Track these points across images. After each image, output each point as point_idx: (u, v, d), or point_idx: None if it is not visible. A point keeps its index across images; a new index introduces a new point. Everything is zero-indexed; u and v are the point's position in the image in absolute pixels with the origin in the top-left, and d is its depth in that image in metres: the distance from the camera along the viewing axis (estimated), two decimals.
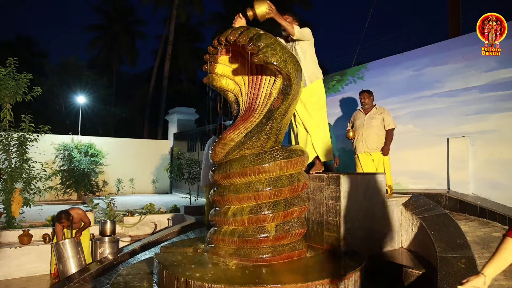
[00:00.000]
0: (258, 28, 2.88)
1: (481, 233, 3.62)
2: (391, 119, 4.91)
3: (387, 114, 4.95)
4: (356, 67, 7.30)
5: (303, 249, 2.99)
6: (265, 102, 3.06)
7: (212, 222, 3.15)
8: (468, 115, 5.27)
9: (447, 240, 2.99)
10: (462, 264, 2.59)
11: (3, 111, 6.53)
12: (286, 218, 2.87)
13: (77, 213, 5.44)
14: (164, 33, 22.79)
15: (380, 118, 4.92)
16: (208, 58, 3.24)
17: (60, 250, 4.99)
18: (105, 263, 4.63)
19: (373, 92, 5.11)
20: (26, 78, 6.59)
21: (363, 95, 5.02)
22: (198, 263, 2.84)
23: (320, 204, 3.38)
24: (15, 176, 6.28)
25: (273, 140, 2.93)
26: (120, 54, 27.21)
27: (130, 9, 27.91)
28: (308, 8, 22.68)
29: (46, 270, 5.42)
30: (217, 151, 3.05)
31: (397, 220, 3.60)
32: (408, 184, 5.95)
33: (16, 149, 6.55)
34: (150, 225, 7.58)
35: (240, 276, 2.55)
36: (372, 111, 4.98)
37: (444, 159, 5.51)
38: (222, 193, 2.99)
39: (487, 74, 5.11)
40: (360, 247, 3.24)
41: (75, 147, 12.53)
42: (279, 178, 2.87)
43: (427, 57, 5.93)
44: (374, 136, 4.86)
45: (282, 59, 2.72)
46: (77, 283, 4.12)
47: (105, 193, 12.50)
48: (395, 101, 6.27)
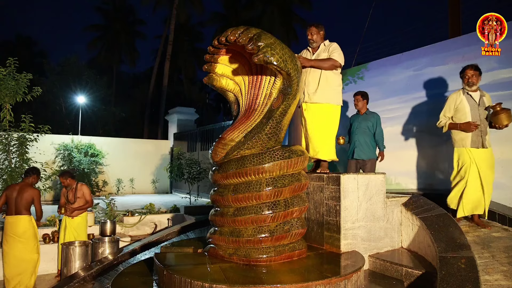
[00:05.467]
0: (258, 28, 2.88)
1: (481, 233, 3.62)
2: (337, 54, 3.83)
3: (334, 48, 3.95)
4: (356, 67, 7.30)
5: (303, 249, 2.99)
6: (265, 102, 3.06)
7: (212, 222, 3.15)
8: None
9: (447, 240, 2.99)
10: (462, 264, 2.59)
11: (3, 111, 6.53)
12: (286, 218, 2.87)
13: (83, 188, 5.44)
14: (164, 33, 22.80)
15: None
16: (208, 58, 3.24)
17: (69, 255, 4.98)
18: (105, 263, 4.63)
19: (373, 92, 5.12)
20: (26, 78, 6.60)
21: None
22: (198, 263, 2.84)
23: (320, 204, 3.38)
24: (15, 176, 6.28)
25: (273, 140, 2.93)
26: (120, 54, 27.23)
27: (130, 9, 27.94)
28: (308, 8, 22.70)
29: (45, 270, 5.42)
30: (217, 151, 3.05)
31: (397, 220, 3.60)
32: (408, 184, 5.95)
33: (16, 149, 6.56)
34: (150, 225, 7.58)
35: (240, 276, 2.55)
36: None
37: (444, 159, 5.51)
38: (222, 193, 2.99)
39: (487, 74, 5.10)
40: (360, 247, 3.24)
41: (75, 147, 12.54)
42: (279, 178, 2.87)
43: (427, 57, 5.93)
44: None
45: (282, 59, 2.72)
46: (77, 283, 4.12)
47: (105, 193, 12.51)
48: (395, 101, 6.27)
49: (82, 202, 5.38)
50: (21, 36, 28.83)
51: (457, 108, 3.95)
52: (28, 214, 4.83)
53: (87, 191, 5.48)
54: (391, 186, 6.09)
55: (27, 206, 4.83)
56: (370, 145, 4.92)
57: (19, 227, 4.73)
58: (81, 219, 5.43)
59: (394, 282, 2.94)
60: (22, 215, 4.76)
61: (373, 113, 5.02)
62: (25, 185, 4.92)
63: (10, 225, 4.73)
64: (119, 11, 27.00)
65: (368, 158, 4.91)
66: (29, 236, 4.82)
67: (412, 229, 3.52)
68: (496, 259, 2.97)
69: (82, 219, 5.46)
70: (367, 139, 4.90)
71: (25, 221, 4.78)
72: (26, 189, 4.87)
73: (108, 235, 5.93)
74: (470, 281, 2.39)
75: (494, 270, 2.77)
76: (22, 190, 4.84)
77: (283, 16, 21.66)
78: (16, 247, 4.70)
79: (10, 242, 4.70)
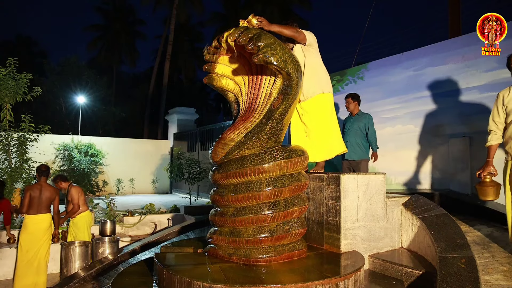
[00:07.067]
0: (258, 28, 2.88)
1: (481, 233, 3.63)
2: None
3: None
4: (356, 67, 7.30)
5: (303, 249, 2.99)
6: (265, 102, 3.06)
7: (212, 222, 3.15)
8: (468, 115, 5.27)
9: (447, 240, 2.99)
10: (462, 264, 2.59)
11: (3, 111, 6.54)
12: (286, 218, 2.87)
13: (71, 190, 5.47)
14: (164, 33, 22.82)
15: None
16: (208, 58, 3.24)
17: (69, 255, 4.99)
18: (105, 263, 4.62)
19: (373, 92, 5.13)
20: (26, 78, 6.60)
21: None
22: (198, 263, 2.84)
23: (320, 204, 3.38)
24: (15, 176, 6.29)
25: (273, 140, 2.93)
26: (120, 54, 27.26)
27: (130, 9, 27.96)
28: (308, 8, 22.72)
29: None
30: (217, 151, 3.05)
31: (397, 220, 3.60)
32: (408, 184, 5.95)
33: (16, 149, 6.56)
34: (150, 225, 7.58)
35: (240, 276, 2.55)
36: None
37: (444, 159, 5.51)
38: (222, 193, 2.99)
39: (487, 74, 5.11)
40: (360, 247, 3.24)
41: (75, 147, 12.54)
42: (279, 178, 2.87)
43: (427, 57, 5.93)
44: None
45: (282, 59, 2.72)
46: (77, 283, 4.12)
47: (105, 193, 12.51)
48: (395, 101, 6.28)
49: (71, 206, 5.44)
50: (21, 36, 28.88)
51: (507, 109, 3.00)
52: (49, 213, 5.00)
53: (75, 195, 5.44)
54: (391, 186, 6.09)
55: (48, 205, 4.99)
56: (361, 146, 4.92)
57: (42, 225, 4.86)
58: (78, 219, 5.44)
59: (394, 282, 2.94)
60: (44, 214, 4.92)
61: (365, 114, 5.03)
62: (46, 185, 5.08)
63: (34, 224, 4.83)
64: (119, 11, 27.02)
65: (360, 158, 4.91)
66: (50, 235, 4.97)
67: (412, 229, 3.52)
68: (496, 259, 2.97)
69: (80, 220, 5.47)
70: (358, 140, 4.91)
71: (47, 220, 4.94)
72: (48, 188, 5.04)
73: (108, 235, 5.94)
74: (470, 281, 2.39)
75: (494, 270, 2.78)
76: (44, 189, 5.00)
77: (283, 16, 21.67)
78: (36, 245, 4.77)
79: (34, 241, 4.78)
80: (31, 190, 4.89)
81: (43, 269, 4.82)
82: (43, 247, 4.81)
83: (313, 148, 3.60)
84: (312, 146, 3.60)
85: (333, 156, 3.75)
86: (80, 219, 5.45)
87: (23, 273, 4.69)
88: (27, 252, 4.72)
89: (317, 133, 3.63)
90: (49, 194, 4.94)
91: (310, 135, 3.67)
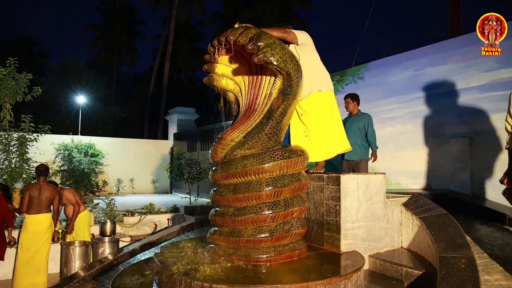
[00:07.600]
0: (258, 28, 2.88)
1: (481, 233, 3.63)
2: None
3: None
4: (356, 67, 7.30)
5: (303, 249, 2.99)
6: (265, 102, 3.06)
7: (212, 222, 3.15)
8: (468, 115, 5.27)
9: (447, 240, 2.99)
10: (462, 264, 2.59)
11: (3, 111, 6.54)
12: (286, 218, 2.87)
13: (64, 193, 5.46)
14: (164, 33, 22.82)
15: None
16: (208, 58, 3.24)
17: (69, 255, 4.99)
18: (105, 263, 4.62)
19: (373, 92, 5.13)
20: (26, 78, 6.60)
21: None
22: (198, 263, 2.84)
23: (320, 204, 3.38)
24: (15, 176, 6.29)
25: (273, 140, 2.93)
26: (120, 54, 27.25)
27: (130, 9, 27.96)
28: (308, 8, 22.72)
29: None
30: (217, 151, 3.04)
31: (397, 220, 3.60)
32: (408, 184, 5.95)
33: (16, 149, 6.56)
34: (150, 225, 7.58)
35: (240, 276, 2.55)
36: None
37: (444, 159, 5.51)
38: (222, 193, 2.99)
39: (487, 74, 5.11)
40: (360, 247, 3.24)
41: (75, 147, 12.54)
42: (279, 178, 2.87)
43: (427, 57, 5.93)
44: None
45: (282, 59, 2.72)
46: (77, 283, 4.12)
47: (105, 193, 12.51)
48: (395, 101, 6.28)
49: (70, 209, 5.42)
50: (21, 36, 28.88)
51: None
52: (50, 212, 5.00)
53: (71, 196, 5.48)
54: (391, 186, 6.09)
55: (48, 205, 5.00)
56: (361, 146, 4.91)
57: (43, 225, 4.86)
58: (77, 219, 5.45)
59: (394, 282, 2.94)
60: (45, 214, 4.92)
61: (364, 114, 5.02)
62: (45, 184, 5.08)
63: (34, 224, 4.83)
64: (119, 11, 27.02)
65: (359, 158, 4.91)
66: (50, 235, 4.97)
67: (412, 229, 3.52)
68: (496, 259, 2.97)
69: (79, 219, 5.49)
70: (357, 140, 4.90)
71: (48, 219, 4.94)
72: (48, 188, 5.04)
73: (108, 235, 5.94)
74: (470, 281, 2.39)
75: (494, 270, 2.78)
76: (43, 189, 5.00)
77: (283, 16, 21.66)
78: (37, 245, 4.77)
79: (34, 241, 4.78)
80: (30, 190, 4.89)
81: (44, 269, 4.81)
82: (43, 247, 4.80)
83: (313, 148, 3.59)
84: (312, 146, 3.59)
85: (333, 156, 3.75)
86: (79, 219, 5.45)
87: (23, 273, 4.68)
88: (27, 250, 4.72)
89: (317, 133, 3.62)
90: (48, 194, 4.94)
91: (310, 135, 3.66)
